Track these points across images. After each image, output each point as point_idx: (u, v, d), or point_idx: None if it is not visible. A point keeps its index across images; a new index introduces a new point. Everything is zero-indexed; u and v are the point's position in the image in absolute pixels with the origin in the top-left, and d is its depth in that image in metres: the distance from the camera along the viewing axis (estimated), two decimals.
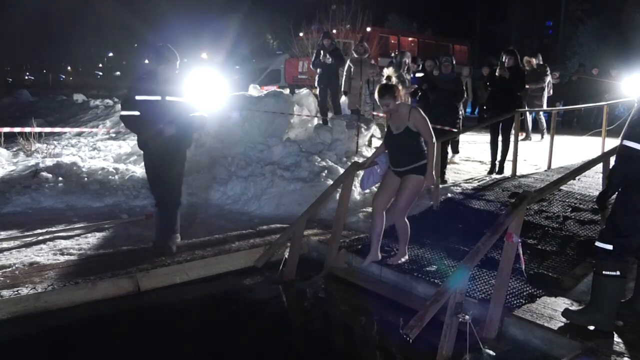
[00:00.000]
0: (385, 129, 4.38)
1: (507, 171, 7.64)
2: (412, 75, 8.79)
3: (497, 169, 7.77)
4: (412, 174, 4.14)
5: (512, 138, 7.61)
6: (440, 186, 6.34)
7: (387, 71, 4.29)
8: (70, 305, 3.71)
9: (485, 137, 8.99)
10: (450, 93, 7.09)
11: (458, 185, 7.06)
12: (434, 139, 4.11)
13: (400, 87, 4.10)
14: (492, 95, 7.75)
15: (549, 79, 11.15)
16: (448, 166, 7.64)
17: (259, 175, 6.74)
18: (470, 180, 7.39)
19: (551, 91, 11.90)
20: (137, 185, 6.62)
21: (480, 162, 9.00)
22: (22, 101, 19.15)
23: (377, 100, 4.16)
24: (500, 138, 7.66)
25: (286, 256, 4.46)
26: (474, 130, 10.88)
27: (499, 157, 7.78)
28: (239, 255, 4.63)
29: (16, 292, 3.63)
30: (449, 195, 6.48)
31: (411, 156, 4.13)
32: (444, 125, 7.06)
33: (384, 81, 4.16)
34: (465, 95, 7.84)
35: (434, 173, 4.20)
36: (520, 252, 3.46)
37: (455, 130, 7.31)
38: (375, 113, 8.95)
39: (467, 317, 3.16)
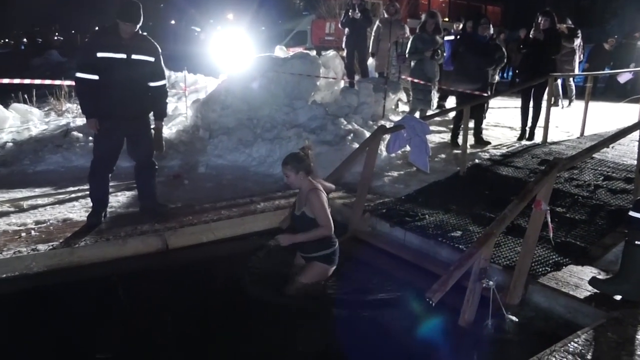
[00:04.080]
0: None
1: (538, 138, 7.47)
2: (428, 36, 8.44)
3: (527, 135, 7.59)
4: (316, 261, 3.64)
5: (544, 104, 7.39)
6: (468, 151, 6.24)
7: (306, 142, 3.90)
8: (102, 261, 3.84)
9: (516, 102, 8.76)
10: (486, 57, 6.88)
11: (486, 151, 6.95)
12: (332, 230, 3.55)
13: (311, 164, 3.56)
14: (525, 58, 7.50)
15: (578, 41, 10.66)
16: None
17: (285, 138, 6.73)
18: (499, 146, 7.26)
19: (582, 55, 11.41)
20: (165, 146, 6.70)
21: (510, 127, 8.81)
22: (52, 61, 19.44)
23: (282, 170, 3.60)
24: (531, 103, 7.46)
25: None
26: (504, 95, 10.59)
27: (529, 123, 7.59)
28: (264, 216, 4.69)
29: (51, 247, 3.78)
30: (477, 161, 6.39)
31: (315, 243, 3.59)
32: (475, 91, 6.89)
33: (298, 150, 3.69)
34: (504, 60, 7.58)
35: (292, 238, 3.57)
36: (549, 219, 3.41)
37: (486, 95, 7.13)
38: (403, 77, 8.78)
39: (490, 282, 3.16)
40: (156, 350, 2.96)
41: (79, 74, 4.06)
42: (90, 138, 6.51)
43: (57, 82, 7.86)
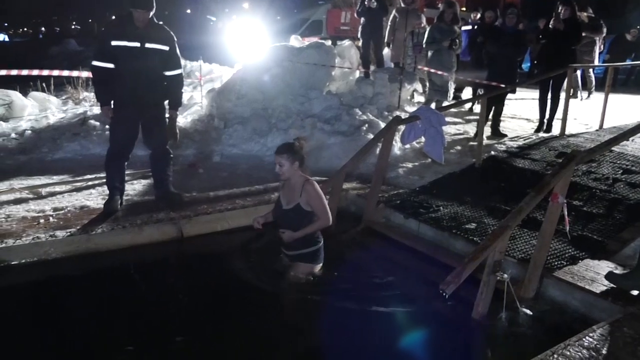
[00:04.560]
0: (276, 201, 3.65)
1: (556, 130, 7.36)
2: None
3: (544, 127, 7.49)
4: (300, 261, 3.53)
5: (562, 95, 7.28)
6: (484, 143, 6.17)
7: (301, 134, 3.71)
8: (118, 248, 3.89)
9: (534, 94, 8.63)
10: (513, 48, 6.79)
11: (502, 143, 6.87)
12: (331, 221, 3.45)
13: (304, 156, 3.46)
14: (544, 49, 7.36)
15: (600, 31, 10.38)
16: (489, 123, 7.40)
17: (299, 127, 6.73)
18: (516, 139, 7.18)
19: (602, 46, 11.14)
20: (180, 135, 6.75)
21: (527, 119, 8.70)
22: (69, 50, 19.64)
23: (275, 158, 3.45)
24: (549, 95, 7.34)
25: None
26: (522, 86, 10.43)
27: (547, 115, 7.48)
28: None
29: (69, 233, 3.84)
30: (492, 153, 6.32)
31: (300, 239, 3.47)
32: (501, 82, 6.78)
33: (292, 140, 3.54)
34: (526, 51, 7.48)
35: (294, 235, 3.44)
36: (565, 213, 3.37)
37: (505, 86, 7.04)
38: (419, 67, 8.70)
39: (505, 275, 3.14)
40: (167, 335, 2.99)
41: (94, 62, 4.14)
42: (107, 127, 6.59)
43: (75, 73, 7.94)
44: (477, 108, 8.95)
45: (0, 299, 3.22)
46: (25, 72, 6.76)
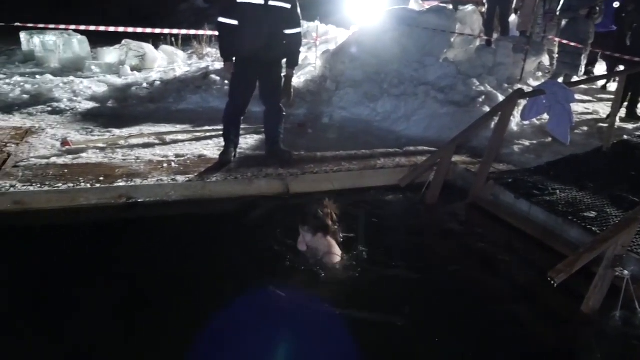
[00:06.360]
0: None
1: None
2: None
3: None
4: None
5: None
6: (616, 125, 5.58)
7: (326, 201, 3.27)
8: (229, 197, 4.15)
9: None
10: None
11: (638, 127, 6.18)
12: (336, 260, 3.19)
13: (328, 225, 3.21)
14: None
15: None
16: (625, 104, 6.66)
17: (411, 94, 6.57)
18: None
19: None
20: (293, 94, 6.90)
21: None
22: (196, 7, 20.68)
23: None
24: None
25: (430, 180, 4.40)
26: None
27: None
28: (383, 172, 4.68)
29: (188, 179, 4.16)
30: (625, 137, 5.74)
31: None
32: None
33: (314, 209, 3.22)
34: None
35: None
36: None
37: None
38: (550, 37, 8.01)
39: (625, 272, 2.88)
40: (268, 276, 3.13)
41: (220, 19, 4.31)
42: (227, 82, 6.93)
43: (200, 31, 8.41)
44: (611, 86, 8.09)
45: (127, 230, 3.60)
46: (157, 31, 7.27)
